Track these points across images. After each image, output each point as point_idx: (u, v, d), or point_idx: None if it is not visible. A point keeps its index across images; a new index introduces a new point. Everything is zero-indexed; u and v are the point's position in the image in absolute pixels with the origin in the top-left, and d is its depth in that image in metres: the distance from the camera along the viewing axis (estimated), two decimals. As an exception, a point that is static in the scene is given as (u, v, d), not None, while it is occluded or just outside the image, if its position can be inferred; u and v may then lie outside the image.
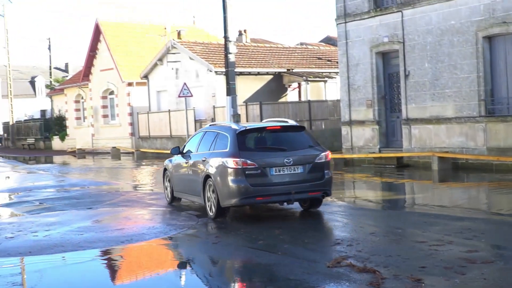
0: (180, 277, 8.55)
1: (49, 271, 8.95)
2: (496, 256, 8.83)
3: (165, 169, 15.72)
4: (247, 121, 30.03)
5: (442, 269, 7.73)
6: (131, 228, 12.04)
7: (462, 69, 20.09)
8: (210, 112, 33.24)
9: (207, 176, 12.65)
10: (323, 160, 12.44)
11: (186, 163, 14.06)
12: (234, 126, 12.80)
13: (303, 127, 13.32)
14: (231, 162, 11.92)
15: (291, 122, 13.43)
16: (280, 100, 34.74)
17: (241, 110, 29.97)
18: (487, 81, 19.67)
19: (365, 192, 17.16)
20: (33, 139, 56.66)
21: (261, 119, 29.36)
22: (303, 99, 35.30)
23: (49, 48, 66.85)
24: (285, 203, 12.94)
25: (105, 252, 10.20)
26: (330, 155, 12.81)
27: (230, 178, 11.92)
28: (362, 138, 23.80)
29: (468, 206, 13.60)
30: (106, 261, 9.93)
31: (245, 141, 12.38)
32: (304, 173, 12.21)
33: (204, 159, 13.00)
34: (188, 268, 9.04)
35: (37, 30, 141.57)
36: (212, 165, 12.49)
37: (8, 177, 26.68)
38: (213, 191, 12.47)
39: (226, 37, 28.72)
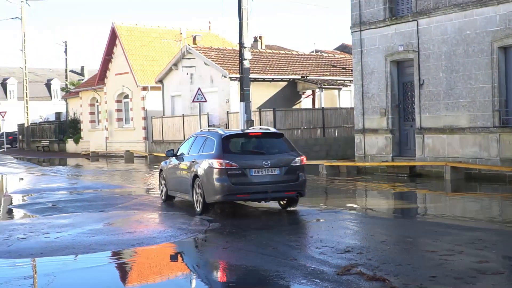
0: (190, 281, 8.57)
1: (60, 273, 8.98)
2: (507, 267, 8.81)
3: (161, 170, 17.09)
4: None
5: (452, 279, 7.71)
6: (142, 231, 12.08)
7: (477, 79, 20.03)
8: (224, 118, 33.29)
9: (196, 176, 14.12)
10: (298, 164, 13.95)
11: (179, 164, 15.52)
12: (220, 131, 14.38)
13: (282, 134, 14.85)
14: (216, 163, 13.41)
15: (272, 130, 15.21)
16: (294, 107, 34.75)
17: (255, 116, 30.01)
18: (501, 92, 19.60)
19: (376, 201, 17.12)
20: (48, 141, 56.94)
21: (275, 126, 29.41)
22: (317, 106, 35.29)
23: (65, 51, 67.20)
24: (263, 201, 14.31)
25: (116, 255, 10.26)
26: (305, 160, 14.41)
27: (214, 177, 13.38)
28: (375, 147, 23.77)
29: (480, 217, 13.55)
30: (116, 264, 9.98)
31: (229, 145, 13.90)
32: (280, 174, 13.65)
33: (193, 160, 14.54)
34: (198, 272, 9.06)
35: (53, 33, 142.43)
36: (200, 166, 13.99)
37: (22, 178, 26.84)
38: (200, 189, 13.89)
39: (241, 43, 28.77)
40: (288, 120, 30.15)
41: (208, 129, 15.69)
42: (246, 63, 28.95)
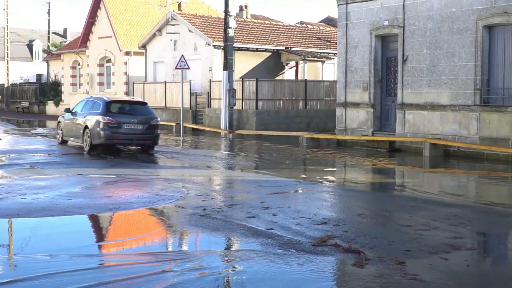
0: (166, 247, 8.58)
1: (36, 234, 8.97)
2: (480, 244, 8.93)
3: (58, 122, 23.51)
4: (242, 96, 30.05)
5: (427, 254, 7.80)
6: (119, 196, 12.06)
7: (460, 57, 20.08)
8: (206, 86, 33.16)
9: (86, 127, 20.33)
10: (155, 123, 20.43)
11: (73, 118, 21.71)
12: (105, 98, 20.98)
13: (146, 103, 21.97)
14: (101, 118, 19.74)
15: (140, 99, 24.10)
16: (277, 78, 34.67)
17: (237, 86, 29.95)
18: (484, 71, 19.67)
19: (355, 174, 17.18)
20: (28, 102, 56.44)
21: (257, 96, 29.44)
22: (300, 78, 35.25)
23: (48, 13, 66.36)
24: (130, 146, 21.25)
25: (92, 218, 10.24)
26: (160, 120, 21.27)
27: (100, 127, 19.71)
28: (356, 120, 23.82)
29: (456, 194, 13.66)
30: (92, 227, 10.00)
31: (111, 107, 20.26)
32: (143, 129, 20.13)
33: (85, 116, 20.73)
34: (173, 238, 9.06)
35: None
36: (90, 120, 20.21)
37: (0, 139, 26.61)
38: (88, 136, 20.06)
39: (226, 12, 28.63)
40: (271, 90, 30.10)
41: (96, 96, 22.60)
42: (231, 32, 28.83)
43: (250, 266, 7.28)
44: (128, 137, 20.08)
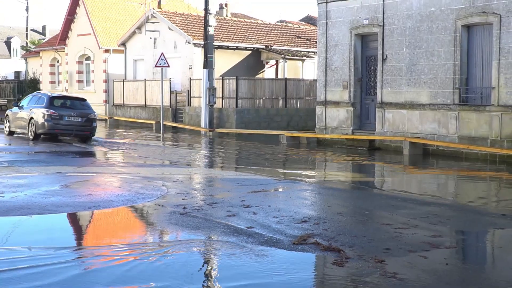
0: (145, 243, 8.53)
1: (15, 232, 8.88)
2: (459, 242, 8.97)
3: (6, 115, 26.62)
4: (222, 94, 30.02)
5: (406, 252, 7.82)
6: (99, 194, 11.99)
7: (439, 56, 20.20)
8: (186, 84, 33.07)
9: (31, 118, 23.46)
10: (93, 117, 23.64)
11: (20, 111, 24.79)
12: (49, 93, 24.65)
13: (85, 99, 25.08)
14: (45, 111, 22.90)
15: (80, 96, 27.22)
16: (257, 76, 34.67)
17: (217, 84, 29.90)
18: (462, 70, 19.80)
19: (335, 173, 17.24)
20: (5, 100, 55.84)
21: (237, 94, 29.43)
22: (280, 76, 35.27)
23: (27, 10, 65.69)
24: (69, 137, 24.05)
25: (71, 216, 10.17)
26: (97, 115, 24.75)
27: (44, 119, 22.90)
28: (336, 119, 23.88)
29: (435, 192, 13.75)
30: (71, 225, 9.92)
31: (54, 102, 23.46)
32: (82, 122, 23.31)
33: (31, 109, 23.73)
34: (152, 237, 9.02)
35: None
36: (35, 112, 23.32)
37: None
38: (33, 126, 23.22)
39: (206, 10, 28.60)
40: (251, 89, 30.10)
41: (42, 92, 27.96)
42: (211, 30, 28.79)
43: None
44: (68, 128, 23.14)
